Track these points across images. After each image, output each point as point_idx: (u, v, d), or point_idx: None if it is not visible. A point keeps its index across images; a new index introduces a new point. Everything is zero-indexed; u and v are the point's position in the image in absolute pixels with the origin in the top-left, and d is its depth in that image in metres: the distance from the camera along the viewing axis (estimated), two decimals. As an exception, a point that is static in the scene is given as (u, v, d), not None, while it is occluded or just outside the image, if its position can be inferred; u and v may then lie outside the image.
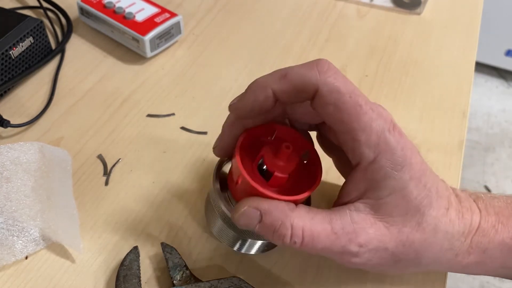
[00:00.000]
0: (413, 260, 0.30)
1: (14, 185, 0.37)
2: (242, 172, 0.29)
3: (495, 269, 0.32)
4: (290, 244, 0.28)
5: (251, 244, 0.34)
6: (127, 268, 0.33)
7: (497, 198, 0.32)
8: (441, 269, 0.32)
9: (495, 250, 0.30)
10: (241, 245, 0.34)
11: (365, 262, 0.30)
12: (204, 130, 0.44)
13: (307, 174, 0.31)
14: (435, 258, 0.30)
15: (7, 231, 0.35)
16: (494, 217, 0.31)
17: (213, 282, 0.32)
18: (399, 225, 0.29)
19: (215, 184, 0.33)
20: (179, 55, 0.52)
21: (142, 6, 0.52)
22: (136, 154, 0.42)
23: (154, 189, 0.40)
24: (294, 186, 0.31)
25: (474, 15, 0.60)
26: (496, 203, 0.32)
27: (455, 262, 0.31)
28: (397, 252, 0.29)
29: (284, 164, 0.30)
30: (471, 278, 1.24)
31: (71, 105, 0.46)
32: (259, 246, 0.35)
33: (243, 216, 0.29)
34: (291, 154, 0.30)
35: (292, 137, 0.32)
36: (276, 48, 0.53)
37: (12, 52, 0.45)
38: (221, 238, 0.34)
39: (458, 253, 0.30)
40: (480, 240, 0.30)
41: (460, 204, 0.31)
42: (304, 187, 0.30)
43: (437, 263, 0.31)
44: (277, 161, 0.30)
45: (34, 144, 0.39)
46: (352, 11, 0.59)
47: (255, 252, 0.35)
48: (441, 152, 0.43)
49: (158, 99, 0.47)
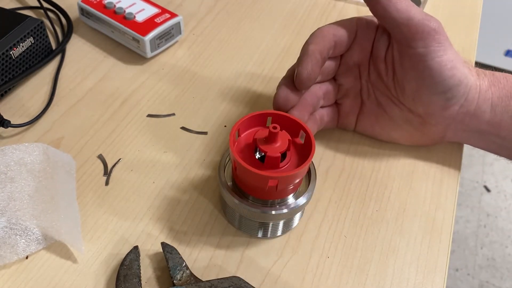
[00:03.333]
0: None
1: (18, 185, 0.37)
2: (233, 153, 0.31)
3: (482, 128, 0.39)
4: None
5: (274, 227, 0.36)
6: (127, 268, 0.33)
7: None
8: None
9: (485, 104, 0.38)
10: (265, 230, 0.36)
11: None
12: (204, 130, 0.44)
13: (305, 155, 0.33)
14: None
15: (10, 229, 0.35)
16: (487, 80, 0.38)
17: (213, 282, 0.32)
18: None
19: (221, 178, 0.35)
20: (179, 55, 0.52)
21: (142, 6, 0.52)
22: (136, 154, 0.42)
23: (154, 189, 0.40)
24: (292, 167, 0.33)
25: (474, 15, 0.60)
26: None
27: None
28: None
29: (274, 145, 0.32)
30: (471, 278, 1.24)
31: (72, 105, 0.46)
32: (282, 227, 0.36)
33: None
34: (282, 136, 0.32)
35: (287, 122, 0.34)
36: (276, 48, 0.54)
37: (12, 52, 0.45)
38: (244, 229, 0.37)
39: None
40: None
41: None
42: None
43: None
44: (268, 142, 0.32)
45: (39, 146, 0.39)
46: (352, 11, 0.59)
47: (280, 233, 0.37)
48: (441, 151, 0.43)
49: (158, 99, 0.47)
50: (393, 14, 0.36)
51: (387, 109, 0.41)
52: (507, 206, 1.41)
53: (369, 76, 0.41)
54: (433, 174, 0.42)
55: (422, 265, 0.36)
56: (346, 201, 0.40)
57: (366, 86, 0.42)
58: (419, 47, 0.36)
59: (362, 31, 0.40)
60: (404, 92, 0.39)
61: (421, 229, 0.38)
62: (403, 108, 0.40)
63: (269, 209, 0.34)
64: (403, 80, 0.39)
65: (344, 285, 0.35)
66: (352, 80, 0.42)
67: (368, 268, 0.36)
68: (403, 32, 0.36)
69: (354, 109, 0.43)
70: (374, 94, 0.42)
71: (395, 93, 0.40)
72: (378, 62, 0.40)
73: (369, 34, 0.40)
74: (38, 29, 0.48)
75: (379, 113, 0.42)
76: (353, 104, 0.43)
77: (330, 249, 0.36)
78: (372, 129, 0.43)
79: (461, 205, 1.40)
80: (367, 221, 0.38)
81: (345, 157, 0.43)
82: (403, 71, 0.38)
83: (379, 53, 0.40)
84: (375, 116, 0.42)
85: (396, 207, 0.39)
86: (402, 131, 0.42)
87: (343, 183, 0.41)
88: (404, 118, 0.41)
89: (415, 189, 0.41)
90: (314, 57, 0.37)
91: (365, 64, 0.41)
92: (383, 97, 0.41)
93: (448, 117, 0.38)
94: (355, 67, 0.41)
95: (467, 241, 1.32)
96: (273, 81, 0.50)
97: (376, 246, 0.37)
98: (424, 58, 0.36)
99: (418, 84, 0.37)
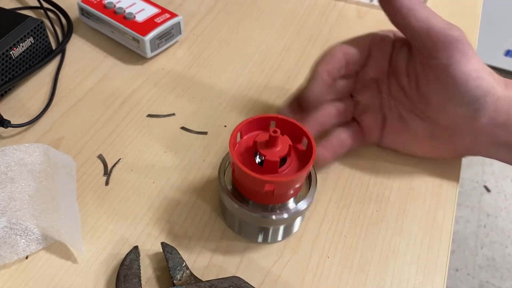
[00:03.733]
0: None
1: (19, 185, 0.37)
2: (232, 154, 0.31)
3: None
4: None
5: (274, 232, 0.36)
6: (127, 268, 0.33)
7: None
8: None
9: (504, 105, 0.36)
10: (265, 235, 0.36)
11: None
12: (204, 130, 0.44)
13: (306, 162, 0.32)
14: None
15: (11, 229, 0.35)
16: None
17: (213, 282, 0.32)
18: None
19: (221, 182, 0.35)
20: (179, 55, 0.52)
21: (142, 6, 0.52)
22: (136, 154, 0.42)
23: (154, 189, 0.40)
24: (292, 172, 0.33)
25: (474, 15, 0.60)
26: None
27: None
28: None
29: (274, 149, 0.32)
30: (471, 278, 1.24)
31: (72, 105, 0.46)
32: (282, 232, 0.36)
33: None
34: (283, 140, 0.32)
35: (290, 127, 0.34)
36: (276, 48, 0.54)
37: (12, 52, 0.45)
38: (244, 234, 0.36)
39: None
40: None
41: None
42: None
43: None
44: (268, 146, 0.32)
45: (39, 146, 0.39)
46: (352, 11, 0.59)
47: (281, 238, 0.36)
48: (441, 152, 0.44)
49: (158, 99, 0.47)
50: (413, 23, 0.35)
51: (411, 122, 0.40)
52: (507, 206, 1.41)
53: (390, 90, 0.40)
54: (433, 174, 0.42)
55: (422, 265, 0.36)
56: (346, 201, 0.40)
57: (387, 100, 0.41)
58: (441, 58, 0.35)
59: (376, 47, 0.39)
60: (428, 104, 0.38)
61: (421, 229, 0.38)
62: (427, 121, 0.39)
63: (269, 214, 0.33)
64: (427, 92, 0.37)
65: (344, 285, 0.35)
66: (370, 96, 0.41)
67: (368, 268, 0.36)
68: (424, 42, 0.35)
69: (377, 124, 0.42)
70: (396, 108, 0.40)
71: (419, 105, 0.39)
72: (399, 76, 0.39)
73: (385, 49, 0.39)
74: (38, 29, 0.48)
75: (402, 127, 0.40)
76: (375, 120, 0.42)
77: (330, 249, 0.36)
78: (395, 143, 0.42)
79: (461, 205, 1.40)
80: (367, 221, 0.38)
81: (345, 157, 0.43)
82: (426, 82, 0.37)
83: (400, 67, 0.39)
84: (398, 131, 0.41)
85: (396, 207, 0.39)
86: (426, 145, 0.40)
87: (343, 183, 0.41)
88: (429, 131, 0.39)
89: (415, 189, 0.41)
90: (321, 78, 0.37)
91: (383, 79, 0.40)
92: (406, 111, 0.40)
93: (476, 128, 0.37)
94: (372, 83, 0.41)
95: (467, 241, 1.32)
96: (273, 81, 0.50)
97: (376, 246, 0.37)
98: (447, 68, 0.35)
99: (442, 96, 0.36)
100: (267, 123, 0.35)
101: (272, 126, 0.34)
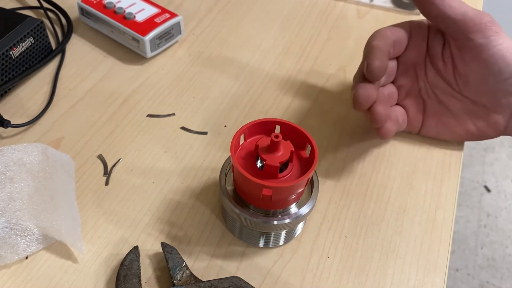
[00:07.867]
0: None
1: (18, 186, 0.37)
2: (232, 157, 0.31)
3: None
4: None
5: (276, 236, 0.35)
6: (127, 268, 0.33)
7: None
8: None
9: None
10: (266, 240, 0.36)
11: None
12: (204, 130, 0.44)
13: (308, 169, 0.32)
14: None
15: (10, 230, 0.35)
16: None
17: (213, 282, 0.32)
18: None
19: (222, 186, 0.34)
20: (179, 55, 0.52)
21: (142, 6, 0.52)
22: (136, 154, 0.42)
23: (154, 189, 0.40)
24: (292, 179, 0.32)
25: (474, 15, 0.60)
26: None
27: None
28: None
29: (275, 154, 0.31)
30: (471, 278, 1.24)
31: (72, 105, 0.46)
32: (284, 237, 0.36)
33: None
34: (284, 146, 0.32)
35: (294, 133, 0.33)
36: (276, 48, 0.54)
37: (12, 52, 0.45)
38: (245, 238, 0.36)
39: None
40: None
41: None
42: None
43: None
44: (270, 151, 0.31)
45: (37, 146, 0.39)
46: (352, 11, 0.59)
47: (282, 243, 0.36)
48: (441, 151, 0.44)
49: (158, 99, 0.47)
50: (447, 12, 0.38)
51: (449, 105, 0.42)
52: (507, 206, 1.41)
53: (426, 76, 0.42)
54: (433, 174, 0.42)
55: (422, 265, 0.36)
56: (346, 201, 0.40)
57: (424, 86, 0.43)
58: (479, 38, 0.38)
59: (416, 31, 0.42)
60: (467, 84, 0.40)
61: (421, 229, 0.38)
62: (466, 102, 0.41)
63: (271, 219, 0.33)
64: (466, 73, 0.40)
65: (344, 285, 0.35)
66: (410, 81, 0.43)
67: (368, 268, 0.36)
68: (460, 27, 0.38)
69: (419, 109, 0.43)
70: (434, 93, 0.43)
71: (457, 87, 0.41)
72: (435, 60, 0.42)
73: (423, 34, 0.42)
74: (38, 29, 0.48)
75: (441, 111, 0.42)
76: (417, 105, 0.43)
77: (330, 249, 0.36)
78: (436, 128, 0.43)
79: (461, 205, 1.40)
80: (367, 221, 0.38)
81: (345, 157, 0.43)
82: (464, 64, 0.40)
83: (436, 52, 0.41)
84: (438, 115, 0.43)
85: (396, 207, 0.39)
86: (466, 126, 0.42)
87: (343, 183, 0.41)
88: (467, 111, 0.41)
89: (415, 189, 0.41)
90: (380, 49, 0.38)
91: (421, 63, 0.42)
92: (444, 94, 0.42)
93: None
94: (411, 68, 0.43)
95: (467, 241, 1.32)
96: (273, 81, 0.50)
97: (376, 246, 0.37)
98: (485, 47, 0.38)
99: (483, 74, 0.39)
100: (272, 127, 0.34)
101: (277, 131, 0.34)
